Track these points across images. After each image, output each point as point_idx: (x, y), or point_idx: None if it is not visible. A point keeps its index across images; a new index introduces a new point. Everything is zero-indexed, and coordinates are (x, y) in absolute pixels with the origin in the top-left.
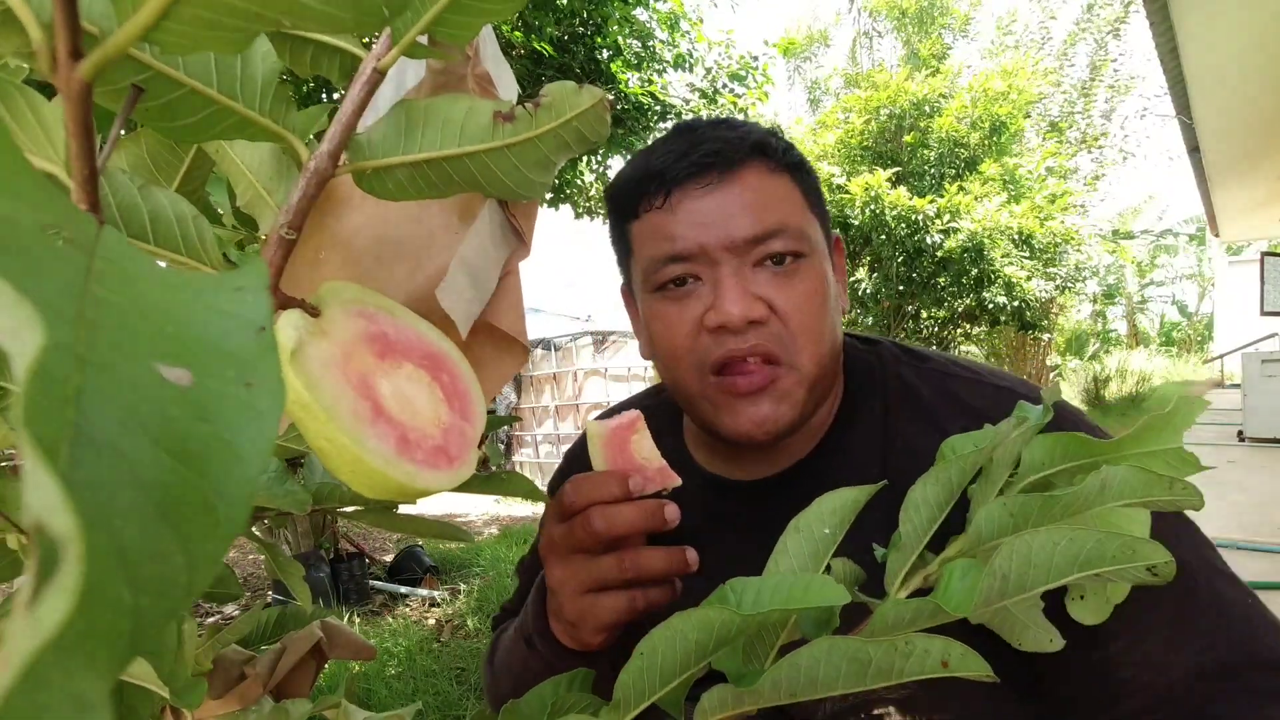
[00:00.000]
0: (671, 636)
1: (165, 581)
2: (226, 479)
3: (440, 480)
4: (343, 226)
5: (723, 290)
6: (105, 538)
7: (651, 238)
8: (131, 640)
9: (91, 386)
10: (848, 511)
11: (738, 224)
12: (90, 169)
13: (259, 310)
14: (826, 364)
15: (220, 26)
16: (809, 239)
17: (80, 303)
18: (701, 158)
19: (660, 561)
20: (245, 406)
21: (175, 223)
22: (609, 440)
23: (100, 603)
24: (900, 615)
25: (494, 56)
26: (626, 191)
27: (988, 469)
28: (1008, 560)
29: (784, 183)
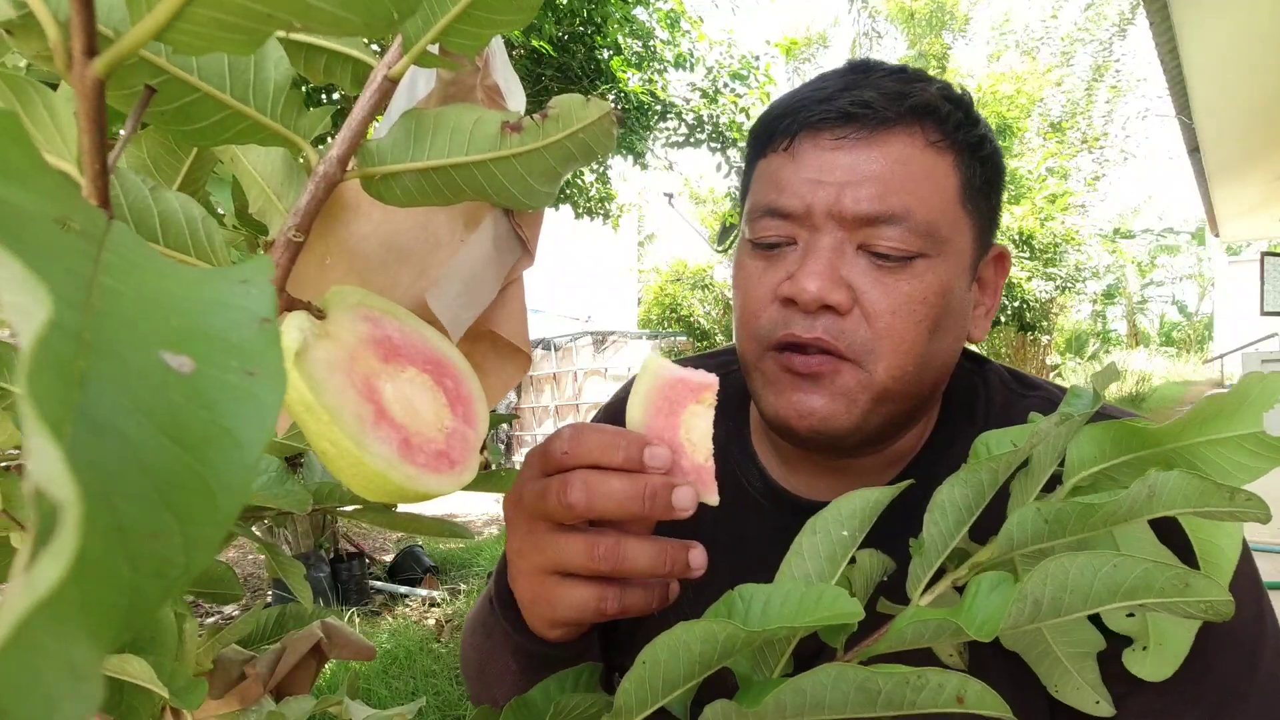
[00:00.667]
0: (674, 646)
1: (163, 561)
2: (225, 465)
3: (441, 484)
4: (350, 233)
5: (808, 261)
6: (106, 514)
7: (764, 181)
8: (128, 616)
9: (96, 371)
10: (869, 513)
11: (854, 194)
12: (101, 165)
13: (263, 303)
14: (910, 383)
15: (232, 28)
16: (938, 239)
17: (88, 290)
18: (849, 104)
19: (646, 557)
20: (246, 395)
21: (185, 224)
22: (662, 392)
23: (99, 576)
24: (919, 632)
25: (504, 68)
26: (764, 124)
27: (1029, 467)
28: (1041, 584)
29: (939, 163)
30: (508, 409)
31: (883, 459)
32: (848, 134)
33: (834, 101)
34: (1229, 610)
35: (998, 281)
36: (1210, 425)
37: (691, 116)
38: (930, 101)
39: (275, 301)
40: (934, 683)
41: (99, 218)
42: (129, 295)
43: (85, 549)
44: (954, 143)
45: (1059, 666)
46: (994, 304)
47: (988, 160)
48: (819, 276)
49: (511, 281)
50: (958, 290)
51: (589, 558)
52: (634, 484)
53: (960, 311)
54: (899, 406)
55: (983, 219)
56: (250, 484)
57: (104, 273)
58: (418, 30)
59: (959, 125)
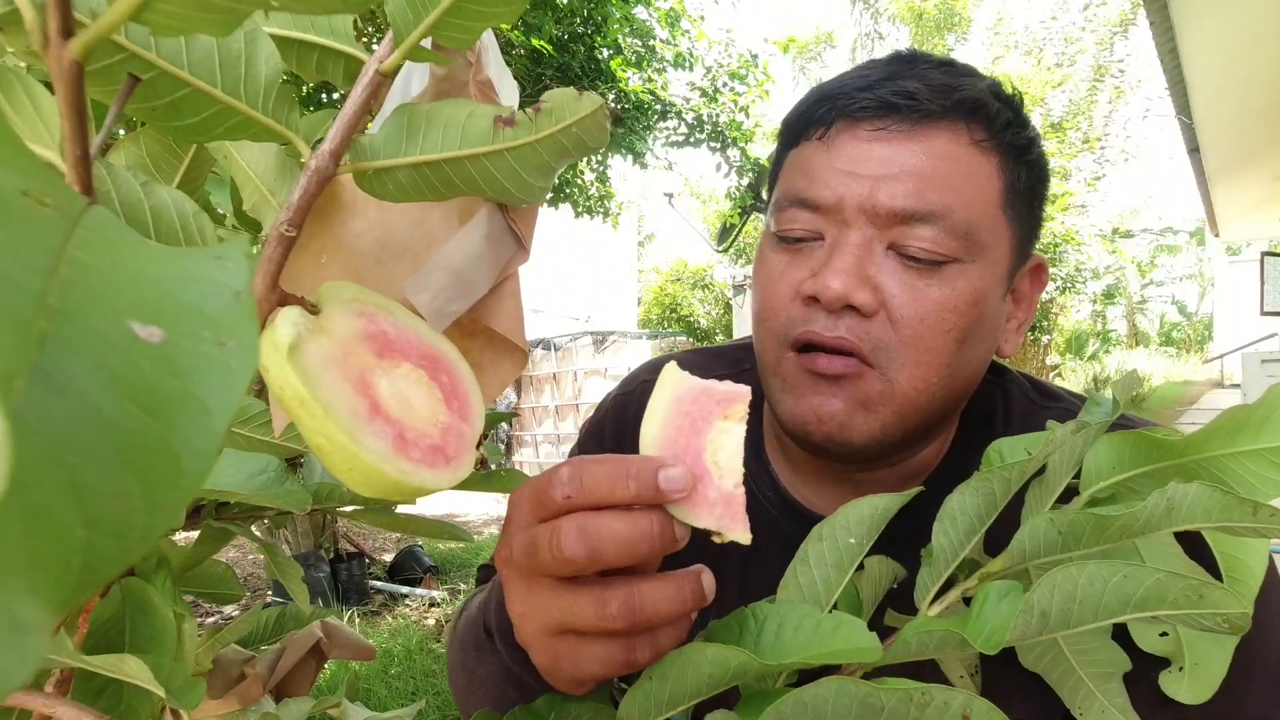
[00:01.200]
0: (684, 665)
1: (122, 523)
2: (193, 430)
3: (437, 479)
4: (345, 231)
5: (834, 258)
6: (60, 472)
7: (794, 171)
8: (81, 575)
9: (58, 334)
10: (876, 521)
11: (890, 188)
12: (83, 150)
13: (237, 276)
14: (933, 395)
15: (209, 7)
16: (976, 244)
17: (56, 260)
18: (891, 94)
19: (664, 602)
20: (217, 364)
21: (177, 219)
22: (683, 406)
23: (49, 532)
24: (924, 643)
25: (496, 64)
26: (800, 112)
27: (1044, 476)
28: (1049, 594)
29: (983, 164)
30: (507, 409)
31: (897, 473)
32: (888, 125)
33: (875, 90)
34: (1245, 624)
35: (1033, 295)
36: (1235, 438)
37: (691, 116)
38: (979, 98)
39: (250, 276)
40: (939, 700)
41: (76, 199)
42: (100, 269)
43: (37, 503)
44: (1000, 144)
45: (1082, 688)
46: (1027, 318)
47: (1034, 165)
48: (845, 274)
49: (507, 277)
50: (991, 301)
51: (601, 619)
52: (637, 524)
53: (992, 323)
54: (919, 420)
55: (1024, 227)
56: (216, 450)
57: (76, 246)
58: (409, 24)
59: (1007, 125)
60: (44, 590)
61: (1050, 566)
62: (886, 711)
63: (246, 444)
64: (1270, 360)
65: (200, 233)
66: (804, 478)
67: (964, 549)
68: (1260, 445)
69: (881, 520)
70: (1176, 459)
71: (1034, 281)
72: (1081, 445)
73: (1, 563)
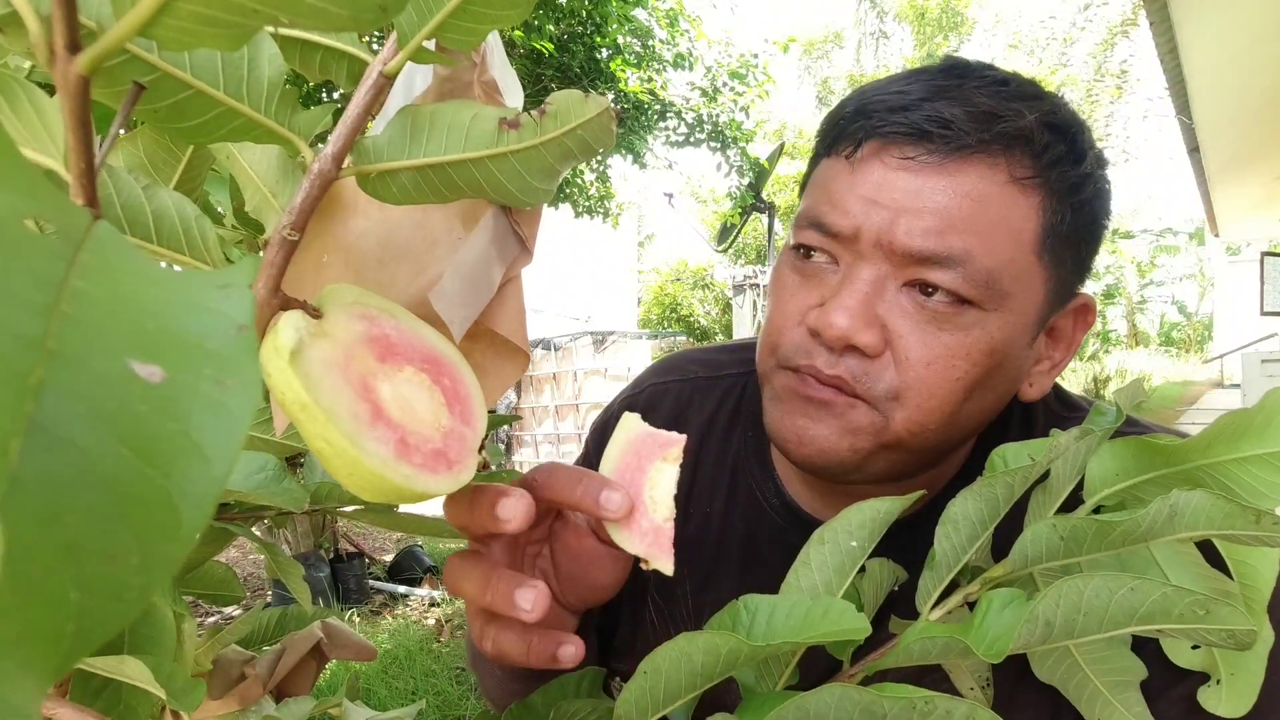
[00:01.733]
0: (676, 657)
1: (117, 583)
2: (191, 479)
3: (439, 484)
4: (347, 232)
5: (843, 292)
6: (54, 534)
7: (819, 187)
8: (74, 643)
9: (55, 380)
10: (878, 524)
11: (909, 224)
12: (87, 163)
13: (241, 308)
14: (926, 439)
15: (217, 23)
16: (998, 291)
17: (57, 295)
18: (925, 120)
19: (510, 644)
20: (216, 406)
21: (179, 222)
22: (632, 448)
23: (41, 601)
24: (926, 649)
25: (501, 64)
26: (834, 121)
27: (1047, 482)
28: (1054, 605)
29: (1019, 204)
30: (508, 409)
31: (905, 488)
32: (917, 155)
33: (910, 113)
34: (1251, 640)
35: (1075, 336)
36: (1237, 443)
37: (691, 116)
38: (1025, 130)
39: (254, 308)
40: (941, 708)
41: (80, 218)
42: (102, 299)
43: (29, 571)
44: (1045, 181)
45: (1100, 698)
46: (1064, 359)
47: (1085, 205)
48: (849, 313)
49: (510, 280)
50: (1012, 349)
51: (480, 595)
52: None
53: (1012, 370)
54: (908, 458)
55: (1064, 270)
56: (216, 499)
57: (78, 275)
58: (413, 26)
59: (1056, 161)
60: (35, 664)
61: (1057, 571)
62: (888, 718)
63: (247, 443)
64: (1270, 360)
65: (203, 237)
66: (810, 487)
67: (966, 554)
68: (1264, 450)
69: (883, 524)
70: (1180, 465)
71: (1078, 321)
72: (1085, 452)
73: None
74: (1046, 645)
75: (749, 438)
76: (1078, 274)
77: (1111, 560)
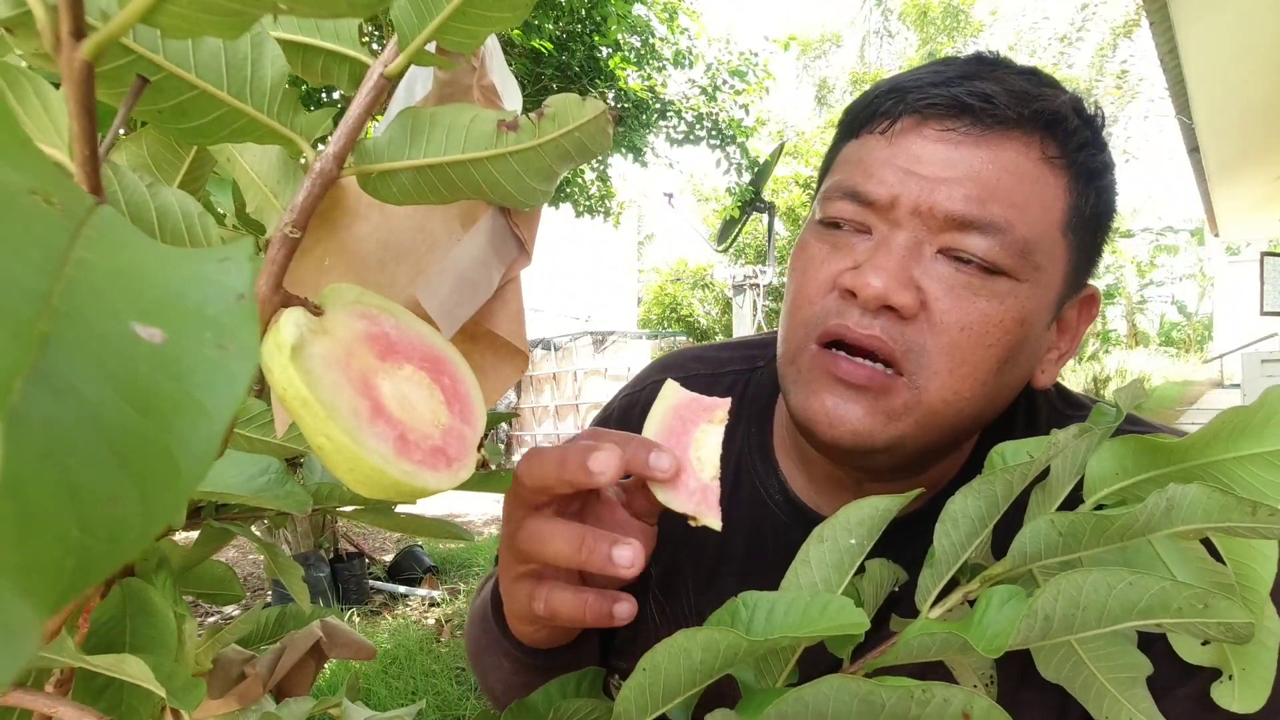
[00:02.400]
0: (675, 654)
1: (117, 524)
2: (191, 432)
3: (438, 481)
4: (349, 234)
5: (879, 255)
6: (55, 473)
7: (850, 163)
8: (75, 576)
9: (60, 335)
10: (877, 522)
11: (949, 191)
12: (91, 150)
13: (241, 279)
14: (961, 411)
15: (219, 10)
16: (1032, 263)
17: (62, 260)
18: (967, 94)
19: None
20: (217, 367)
21: (182, 219)
22: (676, 412)
23: (42, 534)
24: (926, 645)
25: (500, 69)
26: (862, 104)
27: (1047, 480)
28: (1053, 600)
29: (1050, 182)
30: (507, 408)
31: (912, 485)
32: (958, 127)
33: (951, 87)
34: (1250, 633)
35: (1080, 327)
36: (1236, 442)
37: (691, 114)
38: (1060, 111)
39: (254, 278)
40: (939, 697)
41: (84, 198)
42: (104, 267)
43: (31, 505)
44: (1073, 163)
45: (1107, 695)
46: (1070, 350)
47: (1104, 192)
48: (887, 272)
49: (509, 280)
50: (1037, 325)
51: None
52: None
53: (1034, 349)
54: (940, 435)
55: (1082, 254)
56: (215, 452)
57: (82, 246)
58: (414, 28)
59: (1083, 145)
60: (36, 592)
61: (1056, 568)
62: (887, 709)
63: (248, 445)
64: (1270, 360)
65: (205, 234)
66: (816, 483)
67: (965, 551)
68: (1263, 449)
69: (882, 521)
70: (1180, 464)
71: (1083, 312)
72: (1085, 449)
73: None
74: (1046, 640)
75: (752, 433)
76: (1091, 261)
77: (1114, 556)
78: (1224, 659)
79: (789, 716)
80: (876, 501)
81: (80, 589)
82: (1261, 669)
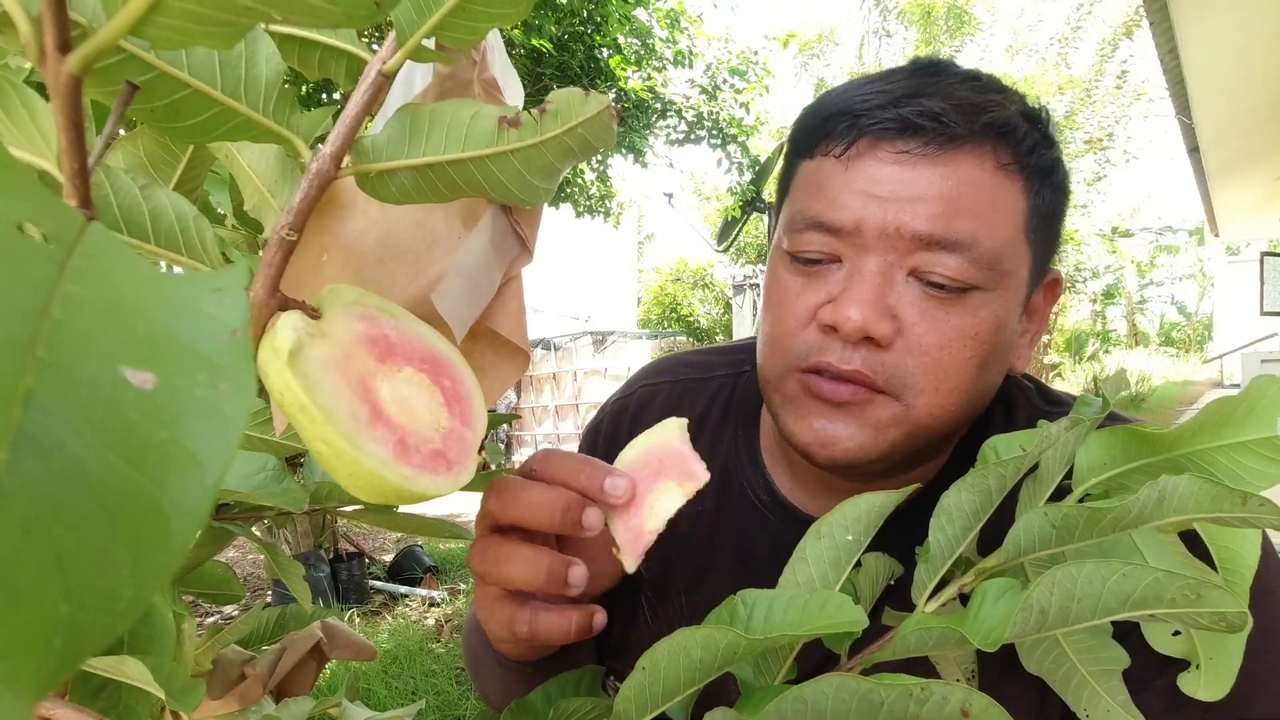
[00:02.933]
0: (674, 653)
1: (107, 594)
2: (183, 487)
3: (438, 485)
4: (346, 231)
5: (854, 285)
6: (42, 543)
7: (810, 187)
8: (63, 655)
9: (44, 388)
10: (874, 518)
11: (914, 213)
12: (80, 164)
13: (235, 312)
14: (948, 419)
15: (209, 21)
16: (999, 271)
17: (48, 300)
18: (915, 115)
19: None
20: (210, 411)
21: (176, 222)
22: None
23: (28, 612)
24: (923, 640)
25: (501, 63)
26: (812, 123)
27: (1037, 473)
28: (1048, 593)
29: (1009, 189)
30: (507, 409)
31: (899, 484)
32: (911, 148)
33: (899, 108)
34: (1243, 622)
35: (1046, 309)
36: (1222, 430)
37: (691, 114)
38: (1008, 120)
39: (248, 311)
40: (938, 695)
41: (73, 220)
42: (94, 303)
43: (15, 582)
44: (1025, 166)
45: (1086, 688)
46: (1039, 331)
47: (1058, 186)
48: (864, 305)
49: (510, 279)
50: (1010, 324)
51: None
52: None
53: (1009, 345)
54: (929, 441)
55: (1043, 247)
56: (209, 508)
57: (71, 280)
58: (413, 24)
59: (1034, 148)
60: (21, 678)
61: (1045, 561)
62: (886, 707)
63: (247, 443)
64: (1270, 360)
65: (200, 237)
66: (802, 484)
67: (960, 545)
68: (1246, 437)
69: (879, 517)
70: (1166, 453)
71: (1049, 295)
72: (1074, 441)
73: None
74: (1041, 633)
75: (740, 436)
76: (1051, 250)
77: (1095, 551)
78: (1192, 649)
79: (788, 715)
80: (873, 498)
81: (70, 669)
82: (1227, 658)
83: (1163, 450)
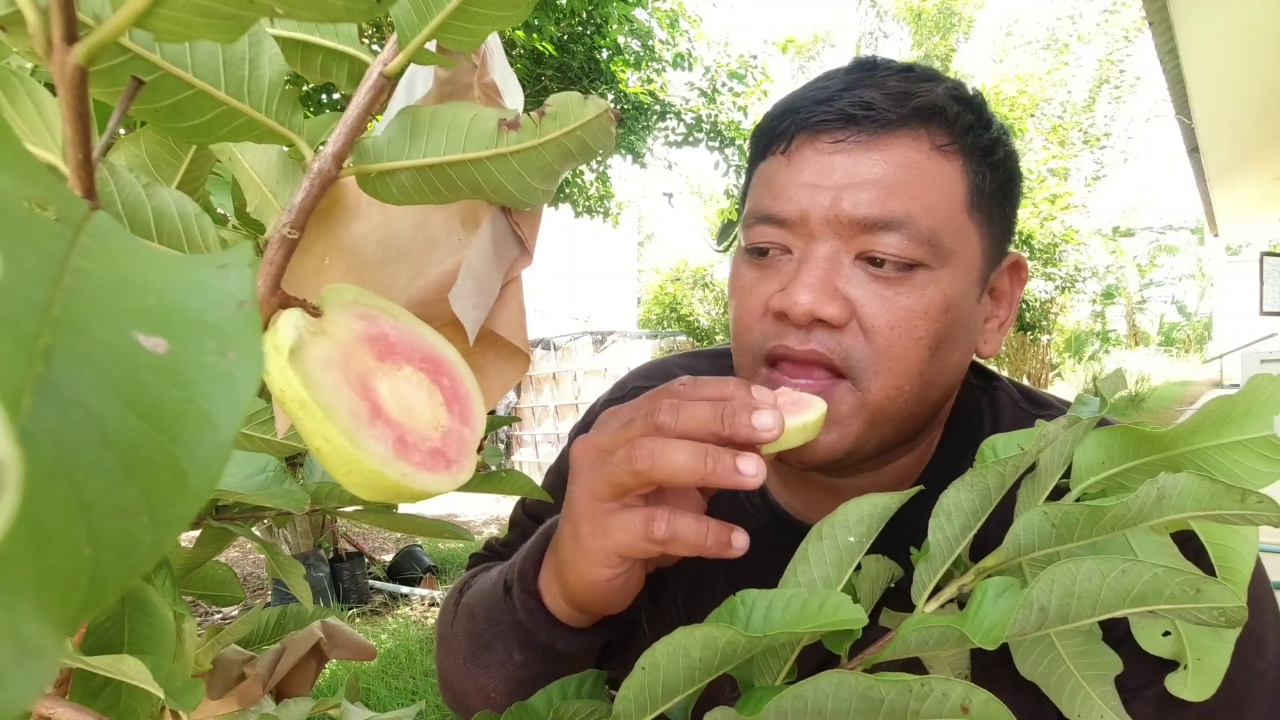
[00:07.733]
0: (674, 651)
1: (129, 539)
2: (198, 443)
3: (437, 483)
4: (348, 233)
5: (802, 272)
6: (66, 489)
7: (761, 186)
8: (89, 594)
9: (63, 346)
10: (876, 519)
11: (853, 197)
12: (85, 155)
13: (242, 285)
14: (907, 403)
15: (213, 14)
16: (941, 249)
17: (61, 270)
18: (849, 105)
19: (690, 530)
20: (222, 375)
21: (179, 220)
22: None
23: (56, 551)
24: (923, 639)
25: (501, 67)
26: (764, 127)
27: (1035, 472)
28: (1048, 590)
29: (944, 168)
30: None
31: (881, 481)
32: (847, 137)
33: (834, 102)
34: (1242, 616)
35: (1014, 292)
36: (1220, 429)
37: (690, 116)
38: (937, 103)
39: (254, 285)
40: (938, 691)
41: (79, 205)
42: (104, 276)
43: (43, 522)
44: (962, 147)
45: (1080, 693)
46: (1009, 315)
47: (1000, 166)
48: (812, 289)
49: (510, 280)
50: (964, 305)
51: (633, 473)
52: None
53: (967, 326)
54: (894, 428)
55: (994, 227)
56: (223, 462)
57: (79, 255)
58: (414, 26)
59: (968, 128)
60: (51, 610)
61: (1044, 560)
62: (886, 704)
63: (247, 443)
64: (1270, 360)
65: (203, 235)
66: (791, 488)
67: (959, 545)
68: (1245, 436)
69: (881, 519)
70: (1164, 452)
71: (1013, 279)
72: (1072, 441)
73: (9, 583)
74: (1040, 631)
75: None
76: (1005, 232)
77: (1090, 551)
78: (1180, 649)
79: (789, 713)
80: (875, 499)
81: (95, 606)
82: (1215, 659)
83: (1161, 449)
